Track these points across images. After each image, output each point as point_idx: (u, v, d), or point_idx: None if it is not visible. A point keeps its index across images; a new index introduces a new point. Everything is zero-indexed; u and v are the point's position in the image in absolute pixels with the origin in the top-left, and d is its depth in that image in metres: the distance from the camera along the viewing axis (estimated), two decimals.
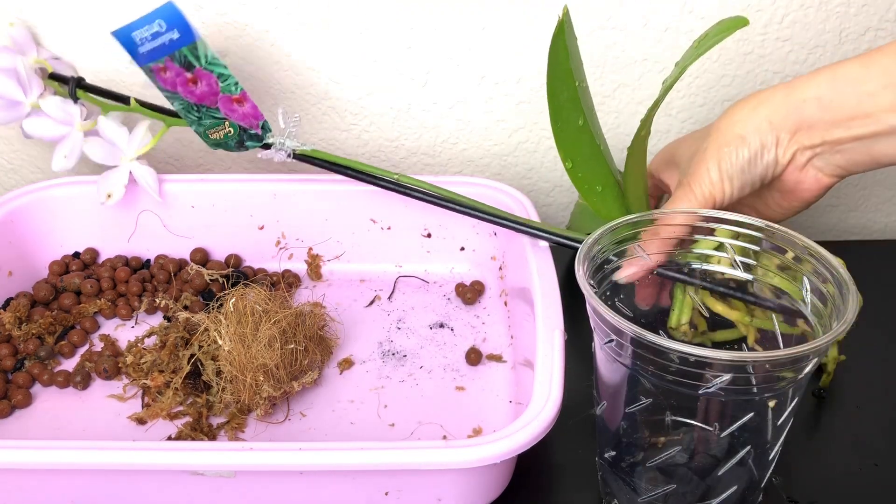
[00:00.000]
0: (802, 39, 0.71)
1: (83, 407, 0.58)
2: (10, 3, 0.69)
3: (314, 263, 0.71)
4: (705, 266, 0.51)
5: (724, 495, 0.47)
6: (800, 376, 0.44)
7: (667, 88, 0.54)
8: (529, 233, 0.61)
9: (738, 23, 0.53)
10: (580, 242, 0.59)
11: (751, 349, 0.50)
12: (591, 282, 0.47)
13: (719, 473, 0.47)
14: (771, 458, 0.48)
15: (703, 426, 0.48)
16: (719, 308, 0.51)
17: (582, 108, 0.55)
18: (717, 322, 0.51)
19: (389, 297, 0.69)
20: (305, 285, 0.70)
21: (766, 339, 0.50)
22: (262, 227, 0.70)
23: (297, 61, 0.72)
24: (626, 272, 0.50)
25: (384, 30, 0.70)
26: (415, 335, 0.64)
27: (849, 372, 0.61)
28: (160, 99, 0.62)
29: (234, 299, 0.57)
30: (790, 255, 0.48)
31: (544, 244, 0.62)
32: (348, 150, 0.76)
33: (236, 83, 0.58)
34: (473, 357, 0.62)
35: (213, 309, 0.61)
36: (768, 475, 0.49)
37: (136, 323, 0.66)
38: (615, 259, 0.50)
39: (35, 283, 0.67)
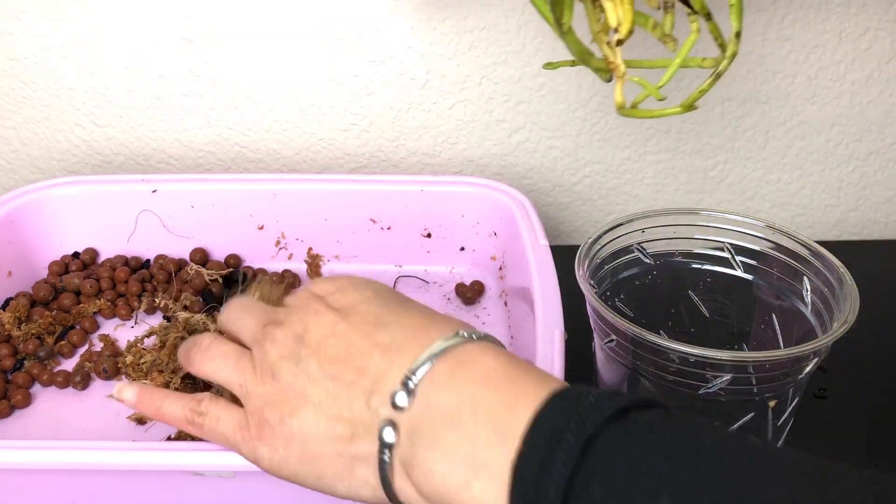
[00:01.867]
0: (803, 39, 0.71)
1: (83, 407, 0.58)
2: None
3: (314, 263, 0.71)
4: None
5: None
6: (800, 376, 0.44)
7: None
8: None
9: None
10: None
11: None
12: (591, 282, 0.47)
13: None
14: None
15: None
16: None
17: None
18: None
19: None
20: (305, 285, 0.70)
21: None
22: (261, 227, 0.70)
23: (296, 60, 0.72)
24: None
25: (384, 29, 0.70)
26: None
27: (849, 372, 0.61)
28: None
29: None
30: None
31: (545, 243, 0.62)
32: (348, 150, 0.76)
33: None
34: None
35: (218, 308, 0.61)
36: None
37: (135, 323, 0.66)
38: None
39: (34, 283, 0.67)
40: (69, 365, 0.62)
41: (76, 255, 0.70)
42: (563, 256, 0.67)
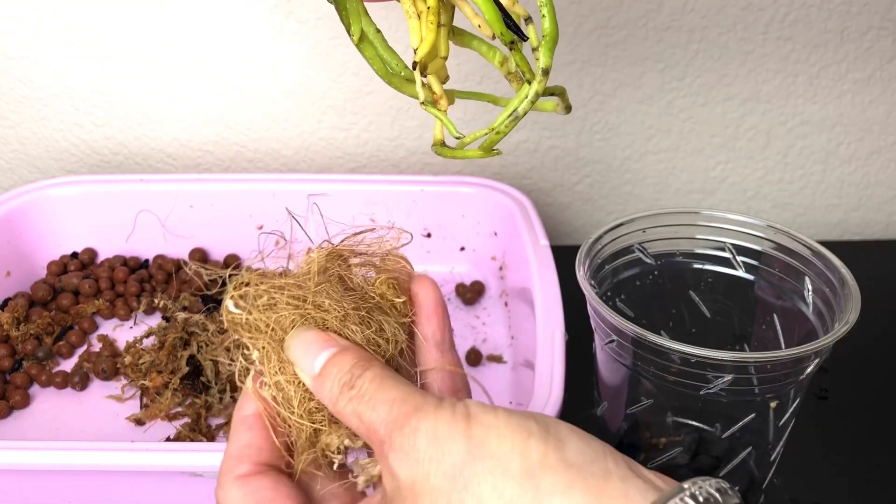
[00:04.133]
0: (804, 38, 0.71)
1: (81, 408, 0.58)
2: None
3: None
4: None
5: None
6: (802, 377, 0.43)
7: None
8: None
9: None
10: None
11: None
12: (592, 282, 0.46)
13: (720, 475, 0.47)
14: (773, 458, 0.47)
15: (705, 427, 0.47)
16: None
17: None
18: None
19: None
20: None
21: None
22: (261, 227, 0.70)
23: (295, 59, 0.71)
24: None
25: (384, 28, 0.70)
26: None
27: (850, 372, 0.60)
28: None
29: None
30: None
31: (545, 243, 0.61)
32: (348, 150, 0.76)
33: None
34: (473, 357, 0.61)
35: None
36: (770, 476, 0.49)
37: (134, 323, 0.66)
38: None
39: (33, 284, 0.67)
40: (68, 365, 0.61)
41: (75, 255, 0.70)
42: (564, 256, 0.67)
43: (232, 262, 0.70)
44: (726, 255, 0.50)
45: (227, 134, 0.75)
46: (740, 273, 0.50)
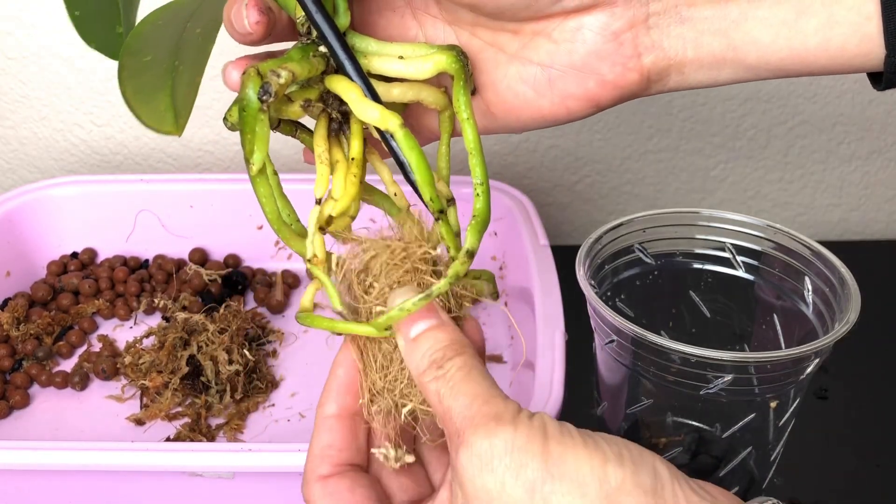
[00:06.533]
0: None
1: (81, 408, 0.58)
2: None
3: None
4: None
5: None
6: (802, 377, 0.43)
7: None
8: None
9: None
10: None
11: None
12: (592, 282, 0.46)
13: (721, 474, 0.47)
14: (773, 458, 0.47)
15: (705, 427, 0.47)
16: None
17: None
18: None
19: None
20: (305, 285, 0.70)
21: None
22: (260, 227, 0.70)
23: None
24: None
25: None
26: None
27: (850, 372, 0.61)
28: None
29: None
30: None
31: (545, 243, 0.61)
32: None
33: None
34: None
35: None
36: (770, 476, 0.49)
37: (134, 323, 0.66)
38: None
39: (33, 284, 0.67)
40: (68, 365, 0.61)
41: (75, 255, 0.70)
42: (564, 256, 0.67)
43: (232, 262, 0.70)
44: (726, 255, 0.50)
45: (227, 134, 0.75)
46: (740, 273, 0.50)
